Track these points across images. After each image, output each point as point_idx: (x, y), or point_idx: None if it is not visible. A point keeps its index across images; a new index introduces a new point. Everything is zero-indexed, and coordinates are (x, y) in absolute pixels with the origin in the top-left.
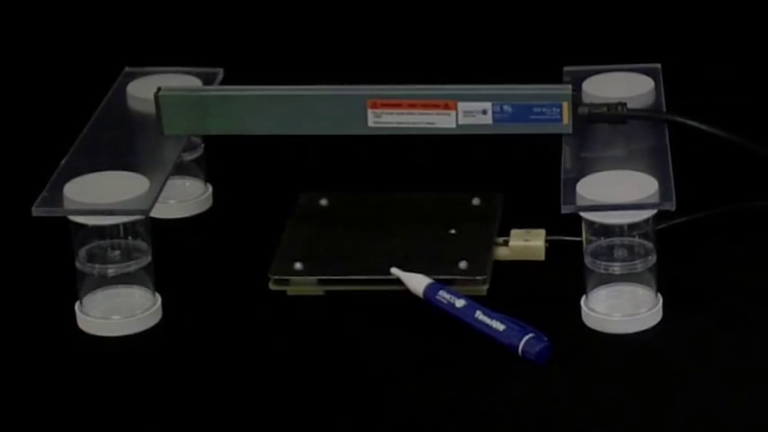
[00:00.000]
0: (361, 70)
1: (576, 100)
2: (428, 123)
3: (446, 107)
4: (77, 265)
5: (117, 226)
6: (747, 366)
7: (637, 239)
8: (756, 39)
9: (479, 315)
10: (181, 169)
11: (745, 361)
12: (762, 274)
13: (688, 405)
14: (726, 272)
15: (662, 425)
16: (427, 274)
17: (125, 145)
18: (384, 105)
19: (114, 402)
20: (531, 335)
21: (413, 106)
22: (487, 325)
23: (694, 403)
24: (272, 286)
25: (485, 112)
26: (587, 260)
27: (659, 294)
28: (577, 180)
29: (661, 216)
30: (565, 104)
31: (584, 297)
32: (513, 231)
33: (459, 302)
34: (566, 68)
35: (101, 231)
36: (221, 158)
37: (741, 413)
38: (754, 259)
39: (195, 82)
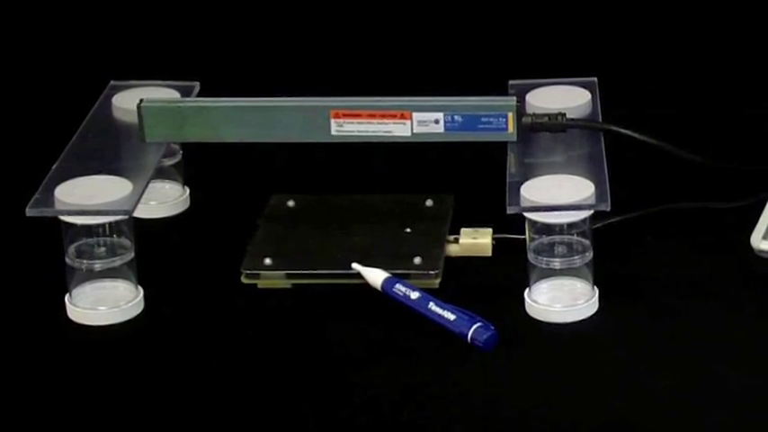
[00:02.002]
0: (325, 84)
1: (520, 111)
2: (386, 132)
3: (402, 117)
4: (67, 260)
5: (103, 225)
6: (675, 352)
7: (575, 237)
8: (683, 56)
9: (432, 306)
10: (161, 173)
11: (673, 347)
12: (688, 269)
13: (622, 387)
14: (655, 267)
15: (598, 406)
16: (385, 268)
17: (110, 151)
18: (346, 115)
19: (100, 385)
20: (479, 324)
21: (372, 116)
22: (440, 315)
23: (628, 386)
24: (244, 280)
25: (437, 121)
26: (530, 256)
27: (595, 287)
28: (521, 183)
29: (597, 216)
30: (510, 115)
31: (527, 290)
32: (463, 230)
33: (414, 295)
34: (511, 82)
35: (88, 230)
36: (198, 164)
37: (670, 394)
38: (681, 255)
39: (174, 94)
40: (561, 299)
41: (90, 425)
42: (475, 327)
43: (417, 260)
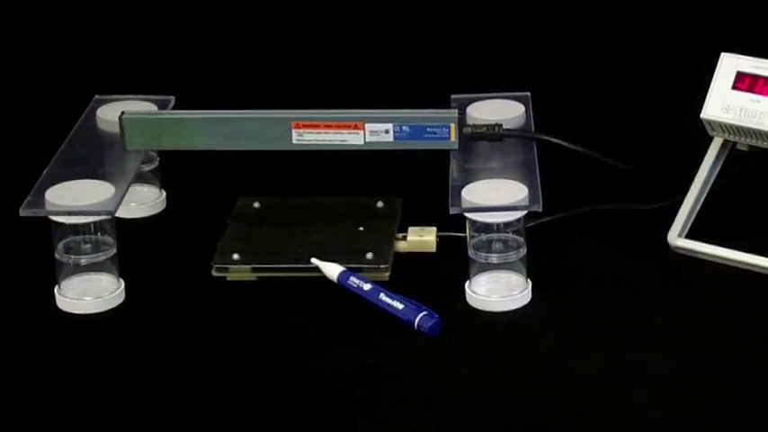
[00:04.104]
0: (287, 98)
1: (462, 122)
2: (341, 141)
3: (356, 127)
4: (56, 255)
5: (88, 224)
6: (600, 338)
7: (510, 235)
8: (608, 73)
9: (383, 296)
10: (140, 178)
11: (598, 334)
12: (611, 264)
13: (552, 369)
14: (582, 261)
15: (531, 385)
16: (340, 263)
17: (95, 158)
18: (305, 126)
19: (86, 366)
20: (424, 312)
21: (329, 127)
22: (389, 304)
23: (558, 369)
24: (214, 273)
25: (387, 131)
26: (470, 252)
27: (529, 280)
28: (463, 187)
29: (530, 216)
30: (452, 125)
31: (467, 282)
32: (410, 228)
33: (367, 286)
34: (453, 96)
35: (75, 228)
36: (173, 169)
37: (595, 375)
38: (606, 251)
39: (152, 107)
40: (498, 290)
41: (77, 401)
42: (421, 315)
43: (369, 255)
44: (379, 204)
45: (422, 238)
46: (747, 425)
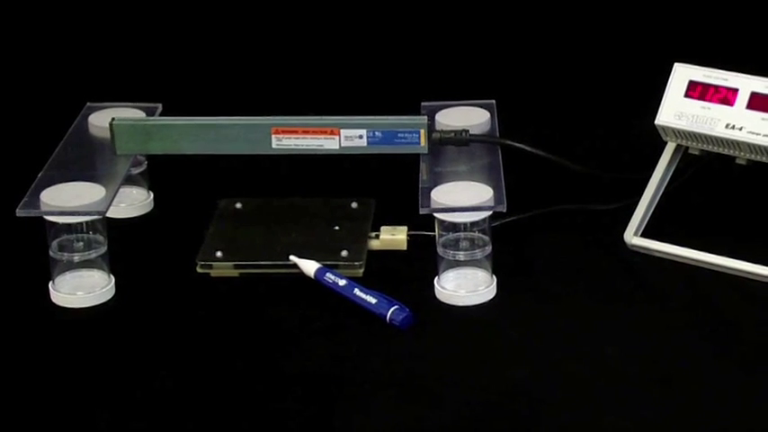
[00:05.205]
0: (267, 106)
1: (431, 128)
2: (318, 145)
3: (332, 133)
4: (51, 253)
5: (81, 223)
6: (561, 330)
7: (477, 234)
8: (571, 81)
9: (357, 291)
10: (129, 180)
11: (559, 326)
12: (571, 261)
13: (517, 359)
14: (544, 259)
15: (497, 374)
16: (317, 260)
17: (87, 162)
18: (284, 132)
19: (79, 356)
20: (396, 306)
21: (306, 132)
22: (363, 299)
23: (521, 359)
24: (199, 270)
25: (361, 137)
26: (439, 250)
27: (494, 276)
28: (432, 189)
29: (495, 216)
30: (422, 131)
31: (436, 278)
32: (383, 227)
33: (342, 282)
34: (423, 103)
35: (68, 227)
36: (160, 172)
37: (557, 365)
38: (566, 249)
39: (140, 114)
40: (465, 286)
41: (70, 387)
42: (393, 309)
43: (344, 253)
44: (354, 205)
45: (393, 237)
46: (700, 409)
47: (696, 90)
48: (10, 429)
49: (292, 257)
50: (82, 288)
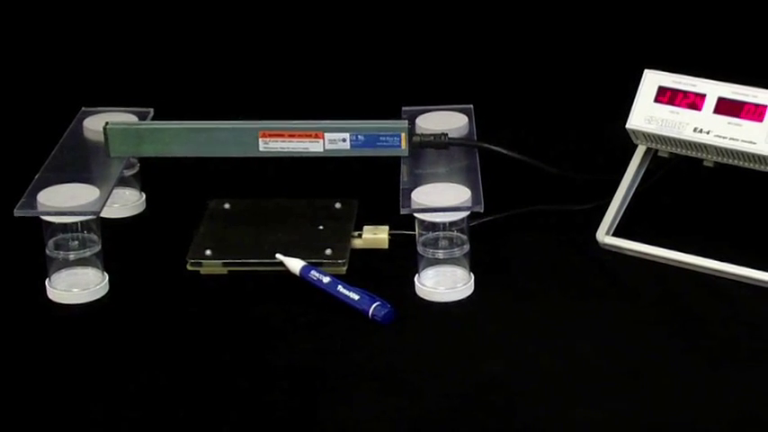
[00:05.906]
0: (255, 110)
1: (411, 131)
2: (303, 148)
3: (316, 136)
4: (47, 251)
5: (76, 223)
6: (536, 326)
7: (455, 233)
8: (545, 87)
9: (340, 288)
10: (122, 182)
11: (534, 322)
12: (546, 259)
13: (494, 354)
14: (520, 257)
15: (475, 368)
16: (302, 258)
17: (82, 164)
18: (271, 135)
19: (75, 351)
20: (378, 303)
21: (292, 136)
22: (346, 295)
23: (498, 354)
24: (189, 267)
25: (344, 140)
26: (419, 248)
27: (471, 273)
28: (412, 190)
29: (473, 216)
30: (403, 135)
31: (417, 275)
32: (365, 227)
33: (326, 279)
34: (404, 108)
35: (64, 227)
36: (152, 174)
37: (532, 359)
38: (541, 248)
39: (133, 118)
40: (444, 283)
41: (66, 379)
42: (375, 305)
43: (328, 251)
44: (337, 205)
45: (375, 236)
46: (668, 401)
47: (665, 95)
48: (8, 421)
49: (278, 256)
50: (77, 285)
